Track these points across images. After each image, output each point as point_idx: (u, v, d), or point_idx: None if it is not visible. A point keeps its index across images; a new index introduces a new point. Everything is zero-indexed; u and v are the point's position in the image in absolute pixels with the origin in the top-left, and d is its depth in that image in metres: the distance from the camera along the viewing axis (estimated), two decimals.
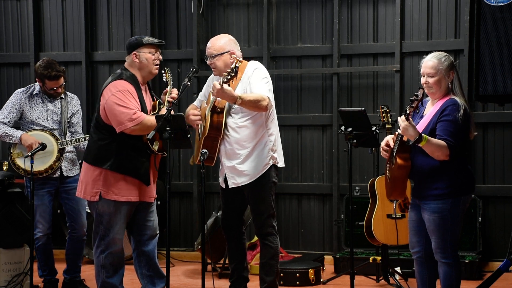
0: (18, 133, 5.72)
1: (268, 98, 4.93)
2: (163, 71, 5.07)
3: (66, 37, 7.95)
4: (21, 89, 5.95)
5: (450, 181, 4.30)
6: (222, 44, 5.07)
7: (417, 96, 4.19)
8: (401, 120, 4.23)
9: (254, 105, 4.89)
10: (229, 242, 5.26)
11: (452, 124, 4.25)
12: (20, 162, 5.72)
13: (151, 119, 4.82)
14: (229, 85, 4.79)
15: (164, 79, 5.06)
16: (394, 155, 4.38)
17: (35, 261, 5.91)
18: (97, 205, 4.90)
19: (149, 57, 4.94)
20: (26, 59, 7.96)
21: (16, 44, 8.04)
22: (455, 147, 4.24)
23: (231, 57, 5.04)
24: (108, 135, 4.86)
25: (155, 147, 4.87)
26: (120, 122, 4.77)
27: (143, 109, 4.89)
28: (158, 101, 5.03)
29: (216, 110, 5.03)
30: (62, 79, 5.83)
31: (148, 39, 4.98)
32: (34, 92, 5.86)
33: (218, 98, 4.96)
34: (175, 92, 5.02)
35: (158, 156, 5.01)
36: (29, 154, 5.53)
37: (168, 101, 4.94)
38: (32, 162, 5.50)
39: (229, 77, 4.76)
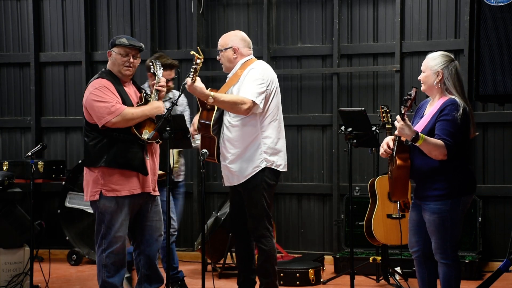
0: None
1: (252, 101, 4.79)
2: (151, 63, 5.06)
3: (66, 37, 7.95)
4: None
5: (449, 182, 4.30)
6: (227, 39, 5.04)
7: (410, 95, 4.21)
8: (397, 121, 4.24)
9: (230, 107, 4.80)
10: (236, 241, 5.19)
11: (450, 124, 4.25)
12: None
13: (131, 110, 4.82)
14: (194, 81, 4.68)
15: (152, 71, 5.04)
16: (393, 155, 4.39)
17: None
18: (98, 203, 4.88)
19: (118, 58, 4.93)
20: (26, 59, 7.96)
21: (16, 44, 8.04)
22: (453, 147, 4.24)
23: (235, 53, 5.01)
24: (97, 134, 4.87)
25: (145, 136, 4.83)
26: (100, 117, 4.80)
27: (126, 102, 4.88)
28: (144, 92, 5.02)
29: (206, 107, 4.95)
30: (174, 71, 5.76)
31: (121, 40, 4.94)
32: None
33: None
34: (163, 81, 5.00)
35: (155, 146, 5.00)
36: (29, 154, 5.53)
37: (157, 90, 4.93)
38: (32, 162, 5.50)
39: (192, 72, 4.68)
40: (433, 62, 4.37)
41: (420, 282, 4.55)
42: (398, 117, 4.24)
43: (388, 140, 4.51)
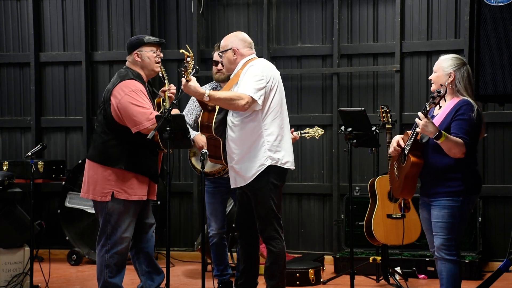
0: (193, 134, 5.51)
1: (250, 97, 4.71)
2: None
3: (66, 37, 7.95)
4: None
5: (464, 179, 4.36)
6: (227, 41, 5.01)
7: (439, 93, 4.22)
8: (420, 118, 4.26)
9: (227, 104, 4.74)
10: (240, 241, 5.16)
11: (467, 123, 4.33)
12: (194, 161, 5.66)
13: None
14: (188, 81, 4.64)
15: (159, 74, 5.07)
16: (406, 153, 4.41)
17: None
18: (107, 205, 4.88)
19: (151, 55, 5.00)
20: (26, 59, 7.95)
21: (16, 44, 8.03)
22: (470, 145, 4.32)
23: (234, 54, 4.98)
24: (119, 134, 4.86)
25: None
26: (137, 122, 4.78)
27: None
28: (161, 98, 5.04)
29: (207, 108, 4.92)
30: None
31: (149, 38, 5.06)
32: (213, 87, 5.69)
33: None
34: (173, 88, 5.06)
35: (160, 153, 5.04)
36: (29, 154, 5.53)
37: (169, 97, 4.97)
38: (32, 162, 5.50)
39: (183, 71, 4.67)
40: (446, 64, 4.47)
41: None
42: (420, 114, 4.26)
43: (398, 138, 4.55)
